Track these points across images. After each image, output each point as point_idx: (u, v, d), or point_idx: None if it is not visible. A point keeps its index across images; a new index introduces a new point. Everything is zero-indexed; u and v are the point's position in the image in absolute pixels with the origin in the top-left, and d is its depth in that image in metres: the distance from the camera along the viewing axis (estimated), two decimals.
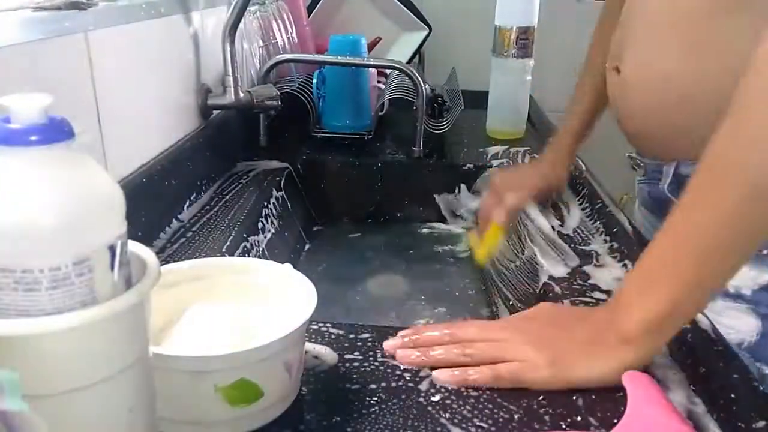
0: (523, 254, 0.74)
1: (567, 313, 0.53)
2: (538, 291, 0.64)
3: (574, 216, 0.80)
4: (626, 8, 0.71)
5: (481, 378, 0.46)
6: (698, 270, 0.43)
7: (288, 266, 0.48)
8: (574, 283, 0.62)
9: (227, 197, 0.83)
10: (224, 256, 0.67)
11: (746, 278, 0.61)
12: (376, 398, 0.45)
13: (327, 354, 0.50)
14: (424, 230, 1.04)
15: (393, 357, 0.49)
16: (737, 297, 0.62)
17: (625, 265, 0.66)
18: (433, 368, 0.47)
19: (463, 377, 0.46)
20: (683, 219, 0.45)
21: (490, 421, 0.43)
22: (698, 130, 0.54)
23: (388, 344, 0.50)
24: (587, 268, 0.65)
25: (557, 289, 0.61)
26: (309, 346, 0.50)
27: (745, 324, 0.62)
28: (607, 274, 0.64)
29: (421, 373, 0.48)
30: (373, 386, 0.46)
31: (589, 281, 0.63)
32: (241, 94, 0.91)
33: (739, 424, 0.42)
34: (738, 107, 0.42)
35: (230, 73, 0.89)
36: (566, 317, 0.51)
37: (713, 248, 0.43)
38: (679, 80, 0.63)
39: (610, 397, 0.45)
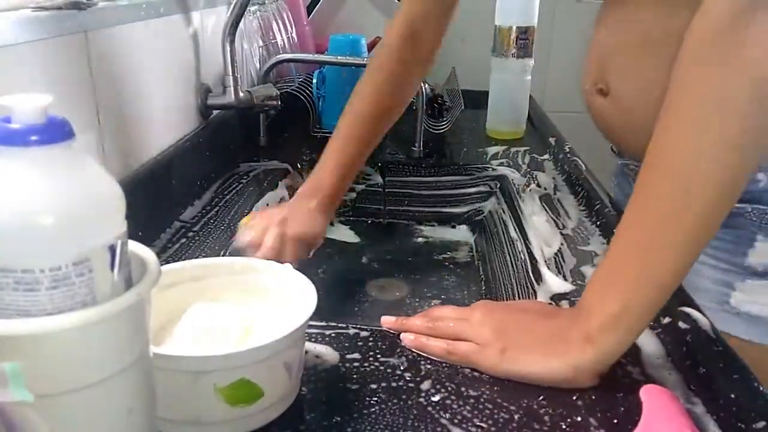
0: (521, 257, 0.74)
1: (539, 307, 0.54)
2: (536, 292, 0.63)
3: (573, 216, 0.80)
4: (604, 29, 0.68)
5: (435, 350, 0.50)
6: (643, 268, 0.44)
7: (288, 266, 0.48)
8: (573, 283, 0.62)
9: (227, 197, 0.83)
10: (224, 256, 0.67)
11: None
12: (376, 398, 0.45)
13: (328, 353, 0.50)
14: (425, 231, 1.04)
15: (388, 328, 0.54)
16: (766, 274, 0.63)
17: None
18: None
19: (422, 343, 0.50)
20: (628, 219, 0.46)
21: (490, 421, 0.43)
22: None
23: (386, 320, 0.54)
24: (585, 269, 0.65)
25: (555, 289, 0.61)
26: (309, 345, 0.50)
27: None
28: None
29: (422, 373, 0.48)
30: (373, 386, 0.46)
31: (587, 282, 0.63)
32: (241, 94, 0.91)
33: (740, 424, 0.42)
34: (665, 108, 0.44)
35: (230, 72, 0.89)
36: (536, 311, 0.52)
37: (655, 246, 0.44)
38: None
39: (610, 398, 0.45)
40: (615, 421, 0.43)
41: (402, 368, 0.48)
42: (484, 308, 0.52)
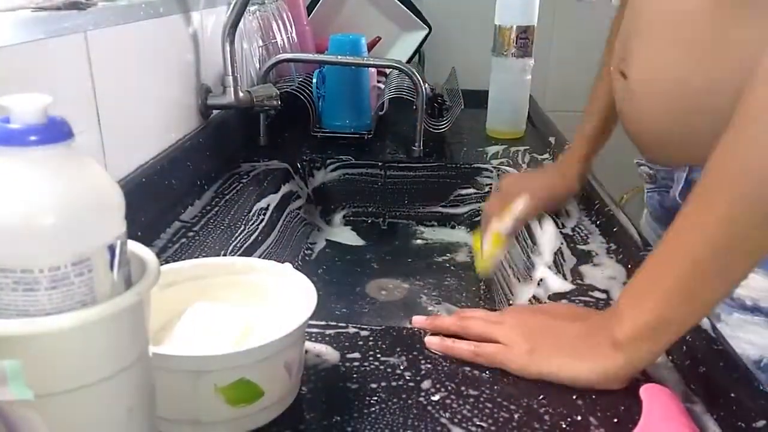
0: (521, 256, 0.74)
1: (569, 310, 0.54)
2: (536, 290, 0.64)
3: (573, 215, 0.80)
4: (629, 11, 0.67)
5: (462, 351, 0.50)
6: (683, 286, 0.43)
7: (288, 266, 0.48)
8: (573, 283, 0.62)
9: (227, 197, 0.83)
10: (224, 256, 0.67)
11: (763, 290, 0.59)
12: (376, 398, 0.45)
13: (328, 353, 0.50)
14: (425, 230, 1.04)
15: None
16: (755, 310, 0.60)
17: (622, 265, 0.66)
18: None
19: (448, 345, 0.50)
20: (675, 231, 0.45)
21: (490, 421, 0.43)
22: (709, 135, 0.53)
23: (417, 320, 0.54)
24: (585, 268, 0.65)
25: (555, 289, 0.61)
26: (310, 345, 0.50)
27: (765, 338, 0.59)
28: (604, 273, 0.64)
29: (422, 373, 0.48)
30: (373, 386, 0.46)
31: (587, 281, 0.63)
32: (241, 94, 0.91)
33: (739, 423, 0.42)
34: (741, 117, 0.41)
35: (230, 72, 0.89)
36: (566, 314, 0.52)
37: (700, 264, 0.42)
38: (688, 86, 0.60)
39: (610, 397, 0.45)
40: (615, 420, 0.43)
41: (402, 368, 0.48)
42: (514, 311, 0.53)
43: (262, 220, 0.82)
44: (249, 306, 0.47)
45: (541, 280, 0.64)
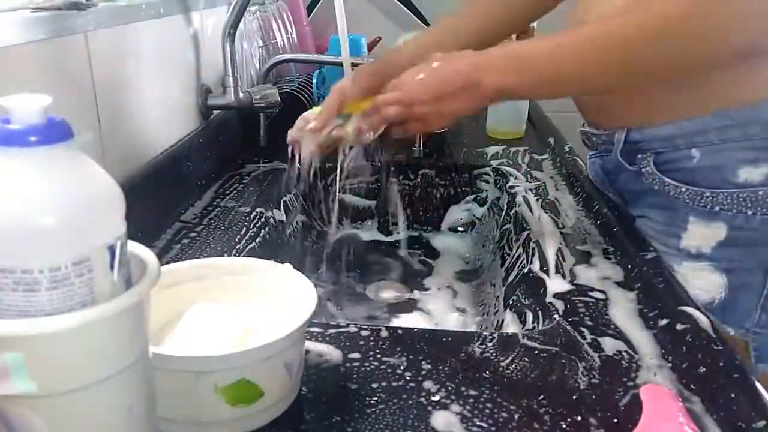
0: (520, 256, 0.75)
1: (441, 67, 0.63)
2: (536, 291, 0.64)
3: (572, 216, 0.80)
4: (581, 7, 0.75)
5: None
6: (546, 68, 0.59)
7: (288, 266, 0.48)
8: (572, 283, 0.62)
9: (228, 197, 0.83)
10: (225, 256, 0.67)
11: (703, 237, 0.65)
12: (376, 398, 0.45)
13: (330, 352, 0.50)
14: (424, 231, 1.04)
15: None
16: (699, 256, 0.66)
17: (621, 266, 0.66)
18: None
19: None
20: (550, 39, 0.60)
21: (490, 421, 0.43)
22: (644, 99, 0.69)
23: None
24: (584, 268, 0.65)
25: (555, 289, 0.61)
26: (311, 345, 0.50)
27: (711, 282, 0.65)
28: (601, 273, 0.64)
29: (422, 373, 0.48)
30: (374, 386, 0.46)
31: (585, 281, 0.63)
32: (241, 94, 0.91)
33: (739, 424, 0.42)
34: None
35: (230, 73, 0.89)
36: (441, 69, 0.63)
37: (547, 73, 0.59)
38: None
39: (610, 398, 0.45)
40: (615, 420, 0.43)
41: (402, 368, 0.48)
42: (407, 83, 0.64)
43: (262, 220, 0.82)
44: (249, 306, 0.47)
45: (540, 280, 0.64)
